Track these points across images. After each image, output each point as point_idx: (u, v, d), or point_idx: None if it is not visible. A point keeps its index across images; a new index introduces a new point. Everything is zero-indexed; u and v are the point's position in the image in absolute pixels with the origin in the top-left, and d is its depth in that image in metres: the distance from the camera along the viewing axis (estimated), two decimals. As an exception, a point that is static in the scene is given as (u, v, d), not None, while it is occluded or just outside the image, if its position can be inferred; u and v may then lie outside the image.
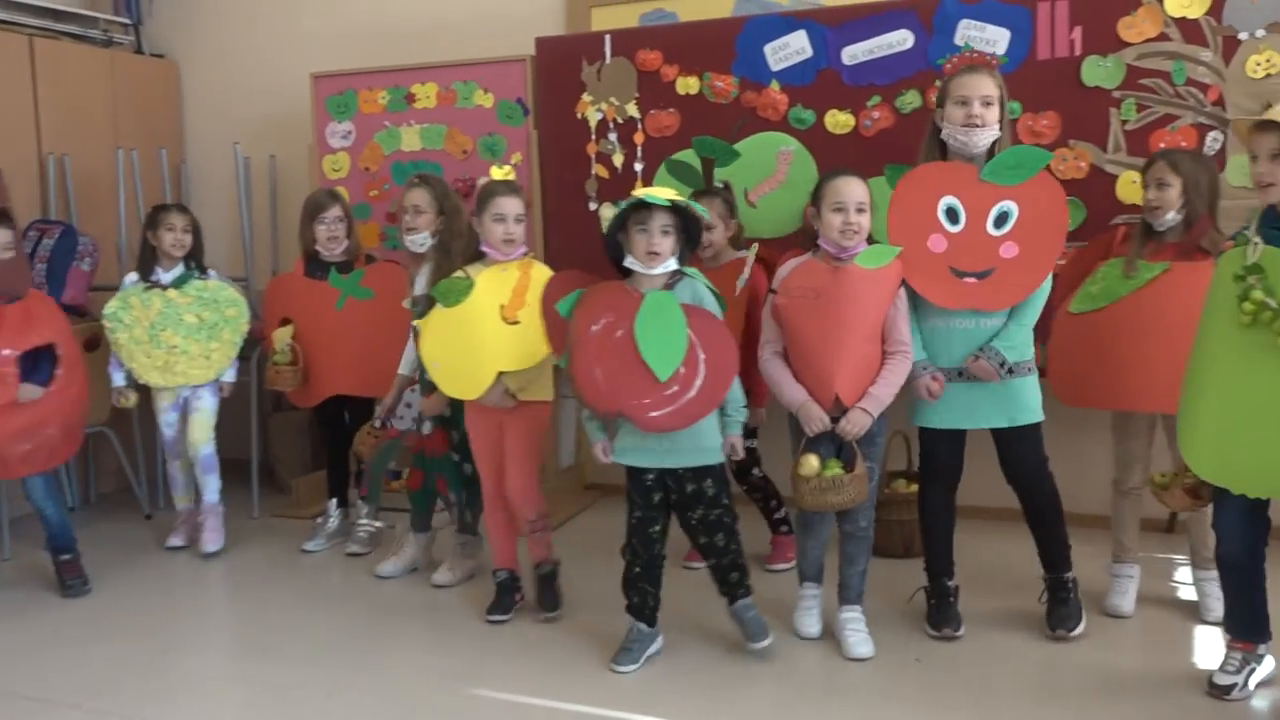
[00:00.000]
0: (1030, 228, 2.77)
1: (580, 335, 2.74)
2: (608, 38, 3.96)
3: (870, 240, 2.84)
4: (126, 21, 5.06)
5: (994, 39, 3.48)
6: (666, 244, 2.72)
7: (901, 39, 3.59)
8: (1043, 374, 2.95)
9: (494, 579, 3.23)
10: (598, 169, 4.02)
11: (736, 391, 2.78)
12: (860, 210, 2.77)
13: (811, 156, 3.70)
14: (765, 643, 2.83)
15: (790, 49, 3.73)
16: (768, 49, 3.74)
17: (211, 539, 3.85)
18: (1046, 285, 2.83)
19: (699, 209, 2.84)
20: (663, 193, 2.70)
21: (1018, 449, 2.89)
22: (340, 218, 3.78)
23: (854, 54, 3.65)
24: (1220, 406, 2.41)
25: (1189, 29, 3.30)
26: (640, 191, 2.72)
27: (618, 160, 3.98)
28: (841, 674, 2.80)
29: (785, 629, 2.99)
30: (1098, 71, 3.39)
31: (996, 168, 2.79)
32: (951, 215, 2.82)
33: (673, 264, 2.76)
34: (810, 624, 2.99)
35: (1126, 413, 3.02)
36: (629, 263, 2.76)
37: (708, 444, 2.77)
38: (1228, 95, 3.28)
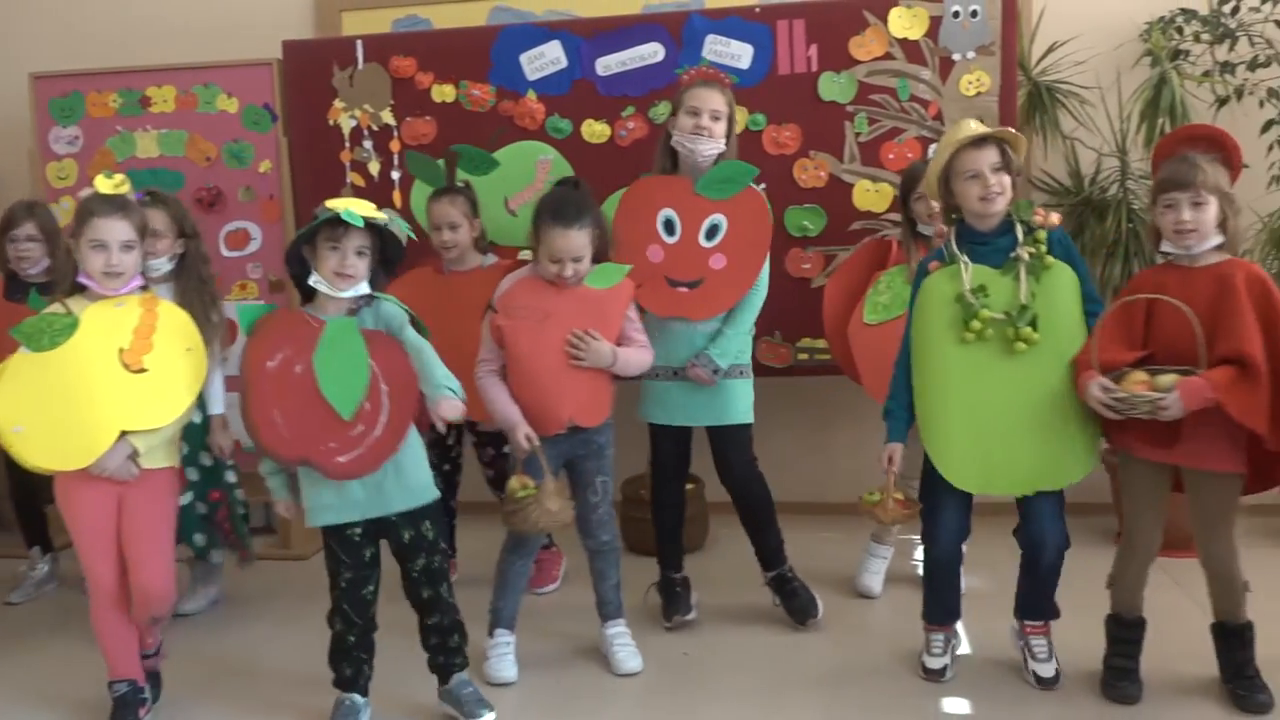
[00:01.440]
0: (737, 240, 2.93)
1: (255, 373, 2.41)
2: (359, 43, 3.86)
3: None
4: None
5: (738, 54, 3.64)
6: (361, 266, 2.45)
7: (653, 51, 3.70)
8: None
9: (111, 693, 2.60)
10: (353, 177, 3.91)
11: (445, 369, 2.43)
12: (576, 260, 2.70)
13: (570, 164, 3.74)
14: (490, 716, 2.57)
15: (545, 59, 3.76)
16: (523, 58, 3.76)
17: None
18: (761, 294, 2.97)
19: (402, 226, 2.60)
20: (362, 209, 2.43)
21: (724, 449, 3.03)
22: (33, 235, 3.36)
23: (608, 65, 3.73)
24: (964, 418, 2.55)
25: (911, 49, 3.57)
26: (337, 204, 2.42)
27: (374, 169, 3.88)
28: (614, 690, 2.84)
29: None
30: (833, 87, 3.61)
31: (709, 181, 2.93)
32: (669, 227, 2.96)
33: (364, 288, 2.48)
34: (506, 668, 2.81)
35: None
36: (314, 281, 2.46)
37: (416, 482, 2.49)
38: (946, 111, 3.56)
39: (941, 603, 2.75)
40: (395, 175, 3.86)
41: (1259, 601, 2.53)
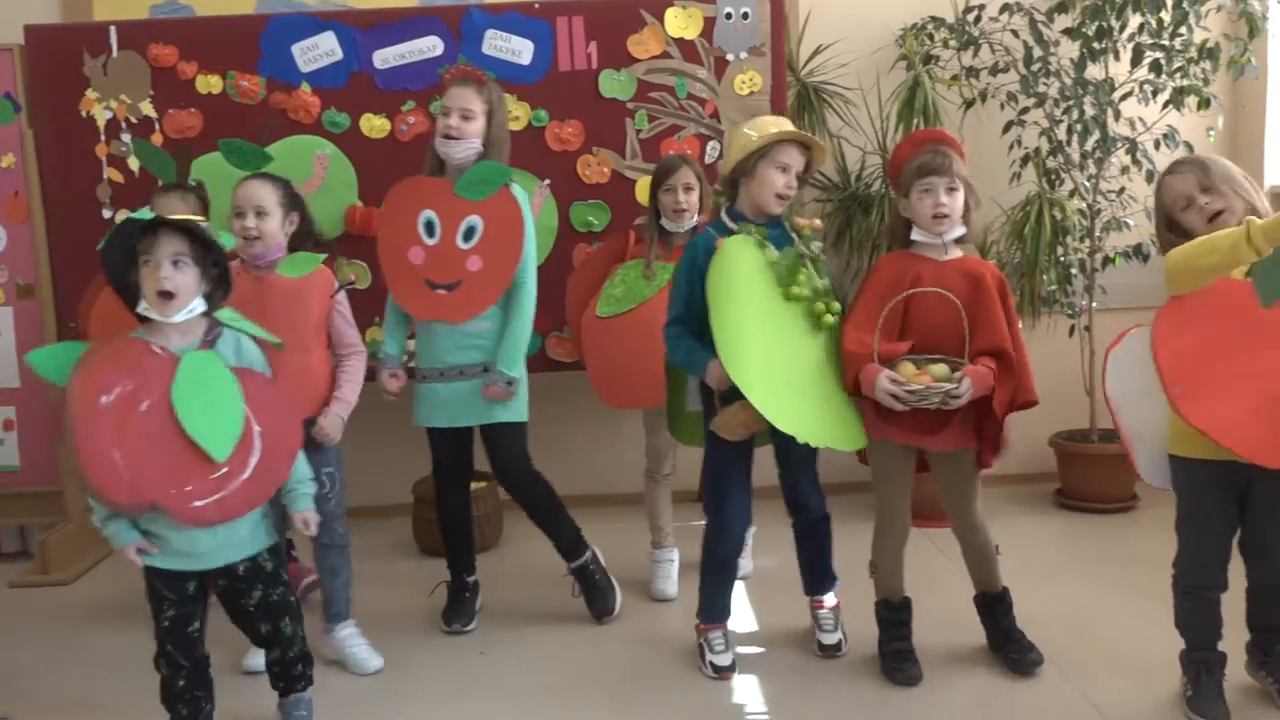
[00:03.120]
0: (492, 242, 2.91)
1: (86, 409, 2.11)
2: (113, 29, 3.61)
3: None
4: None
5: (519, 49, 3.64)
6: (182, 279, 2.17)
7: (431, 45, 3.64)
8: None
9: None
10: (110, 173, 3.65)
11: (301, 462, 2.35)
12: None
13: (349, 160, 3.64)
14: None
15: (319, 50, 3.64)
16: (295, 49, 3.62)
17: None
18: (530, 294, 2.94)
19: (224, 238, 2.30)
20: (176, 213, 2.28)
21: (496, 448, 3.01)
22: None
23: (385, 58, 3.64)
24: (765, 367, 2.52)
25: (687, 49, 3.67)
26: (143, 211, 2.23)
27: (134, 164, 3.64)
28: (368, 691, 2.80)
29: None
30: (613, 84, 3.67)
31: (466, 183, 2.91)
32: (429, 229, 2.93)
33: (198, 306, 2.22)
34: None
35: (653, 410, 3.20)
36: (142, 309, 2.20)
37: (257, 519, 2.31)
38: (722, 109, 3.69)
39: (723, 599, 2.82)
40: (159, 170, 3.64)
41: (1004, 563, 2.74)
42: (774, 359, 2.53)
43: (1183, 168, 2.41)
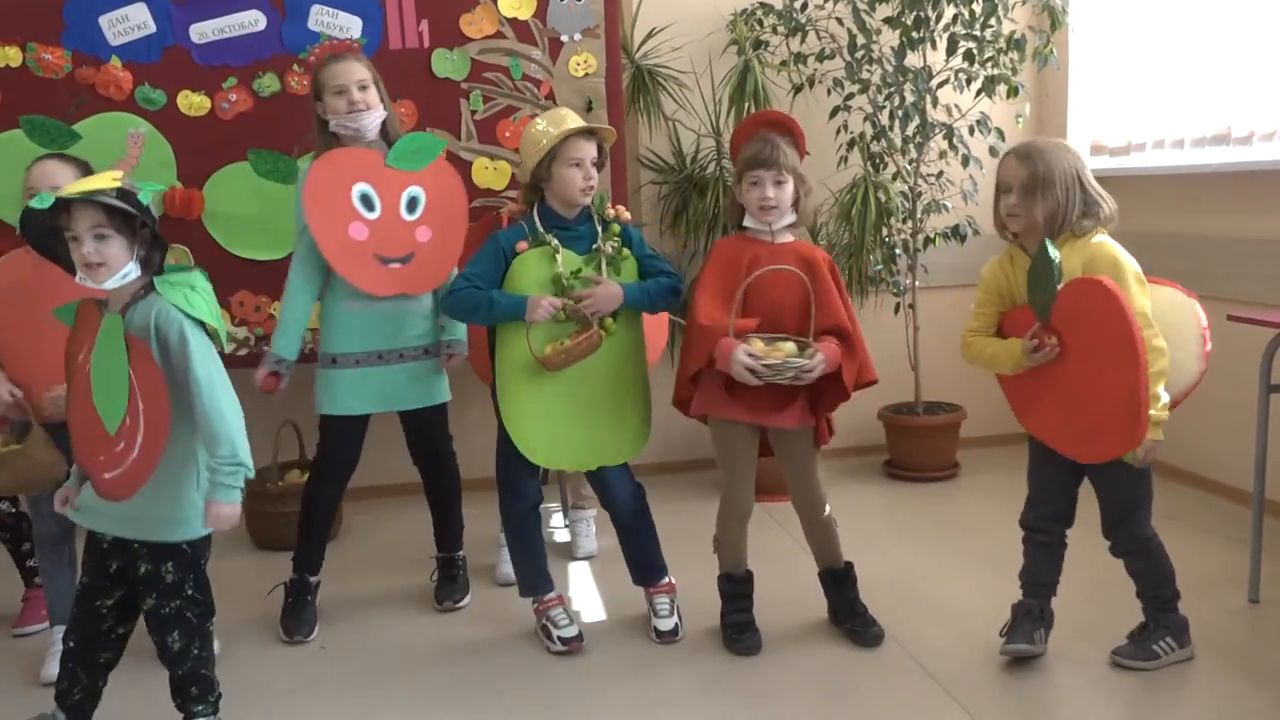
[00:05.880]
0: (438, 211, 2.91)
1: (67, 367, 2.18)
2: (-108, -6, 3.31)
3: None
4: None
5: (346, 25, 3.53)
6: (109, 250, 2.06)
7: (253, 19, 3.49)
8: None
9: None
10: (-106, 150, 3.36)
11: (236, 443, 2.12)
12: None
13: (166, 139, 3.46)
14: None
15: (130, 22, 3.43)
16: (103, 21, 3.40)
17: None
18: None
19: (146, 189, 2.17)
20: (90, 183, 2.11)
21: (429, 430, 3.01)
22: None
23: (203, 32, 3.47)
24: (539, 394, 2.68)
25: (520, 29, 3.63)
26: (64, 191, 2.09)
27: (-86, 141, 3.36)
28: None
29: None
30: (446, 64, 3.60)
31: (399, 154, 2.88)
32: (367, 202, 2.85)
33: (132, 272, 2.11)
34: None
35: None
36: (79, 279, 2.12)
37: (170, 514, 2.16)
38: (557, 90, 3.67)
39: (540, 570, 2.85)
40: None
41: (842, 535, 2.85)
42: (550, 386, 2.68)
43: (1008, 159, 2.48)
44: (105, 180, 2.11)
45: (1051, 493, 2.57)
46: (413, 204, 2.89)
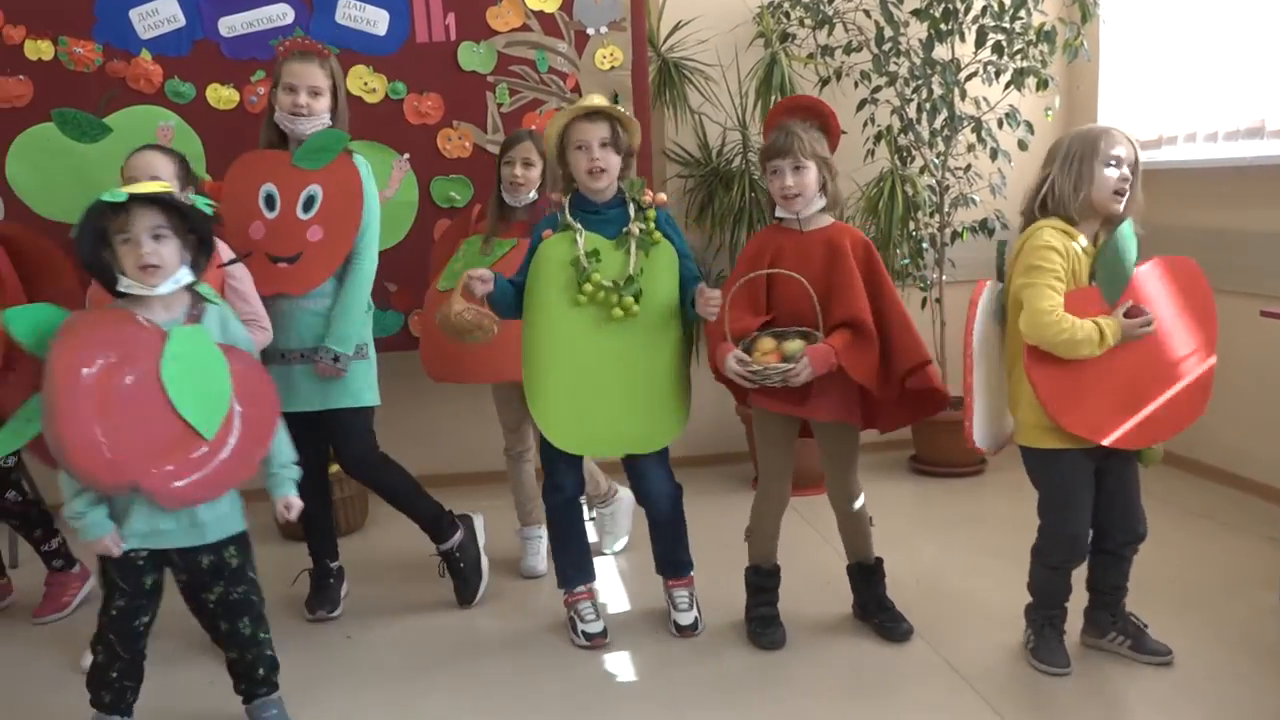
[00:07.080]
0: (332, 210, 2.82)
1: (67, 383, 2.02)
2: (-75, -12, 3.36)
3: None
4: None
5: (374, 19, 3.54)
6: (166, 251, 2.10)
7: (281, 13, 3.51)
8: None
9: None
10: (-71, 143, 3.41)
11: (284, 444, 2.31)
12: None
13: (195, 132, 3.48)
14: None
15: (160, 16, 3.46)
16: (134, 14, 3.43)
17: None
18: (367, 270, 2.85)
19: (202, 203, 2.21)
20: (147, 186, 2.13)
21: (337, 434, 2.89)
22: None
23: (232, 25, 3.49)
24: (567, 380, 2.65)
25: (547, 22, 3.64)
26: (135, 188, 2.10)
27: (-46, 133, 3.40)
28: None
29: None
30: (472, 57, 3.61)
31: (304, 152, 2.82)
32: (270, 202, 2.84)
33: (184, 277, 2.16)
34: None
35: (501, 384, 3.18)
36: (125, 286, 2.13)
37: (229, 508, 2.25)
38: (583, 83, 3.67)
39: (575, 563, 2.84)
40: (-16, 141, 3.41)
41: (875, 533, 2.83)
42: (580, 372, 2.65)
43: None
44: (157, 188, 2.14)
45: (1079, 522, 2.48)
46: (309, 203, 2.82)
